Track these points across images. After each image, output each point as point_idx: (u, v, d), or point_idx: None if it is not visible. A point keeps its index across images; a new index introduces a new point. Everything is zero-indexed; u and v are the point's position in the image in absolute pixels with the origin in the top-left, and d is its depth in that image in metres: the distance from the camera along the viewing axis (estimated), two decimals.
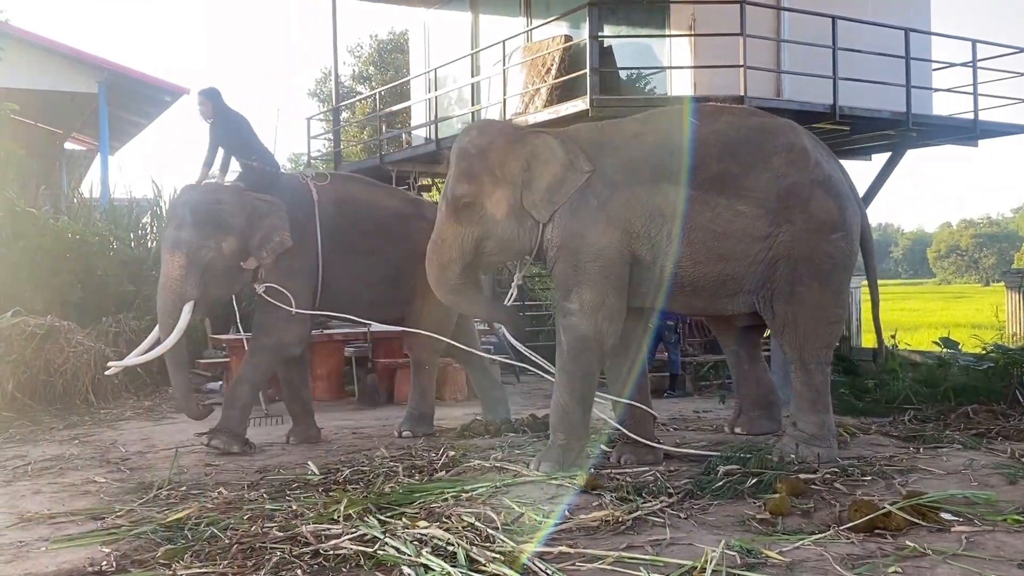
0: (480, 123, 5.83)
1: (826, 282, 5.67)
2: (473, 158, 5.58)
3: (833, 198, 5.68)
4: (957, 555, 3.71)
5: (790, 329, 5.67)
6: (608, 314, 5.43)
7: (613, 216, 5.43)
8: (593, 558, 3.74)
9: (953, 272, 74.21)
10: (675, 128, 5.72)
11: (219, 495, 5.20)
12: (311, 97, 24.90)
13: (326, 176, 7.33)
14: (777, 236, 5.52)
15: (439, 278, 5.79)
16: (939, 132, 10.59)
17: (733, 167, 5.55)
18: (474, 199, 5.56)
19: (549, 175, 5.48)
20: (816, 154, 5.78)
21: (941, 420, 7.61)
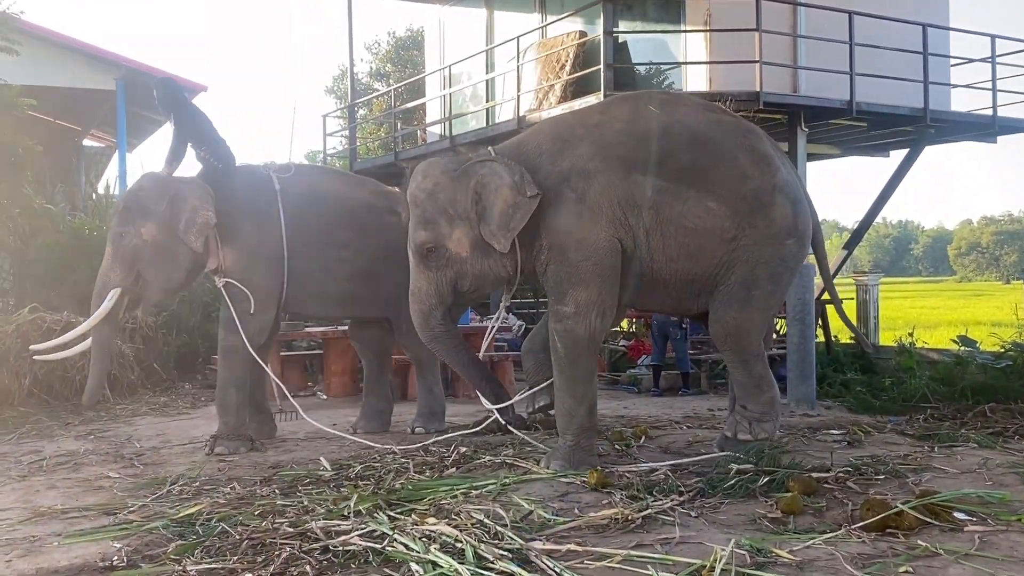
0: (423, 166, 5.67)
1: (776, 284, 5.68)
2: (424, 203, 5.49)
3: (791, 203, 5.66)
4: (970, 555, 3.67)
5: (733, 335, 5.63)
6: (600, 312, 5.39)
7: (595, 206, 5.34)
8: (601, 556, 3.72)
9: (974, 269, 73.80)
10: (637, 116, 5.61)
11: (231, 491, 5.21)
12: (328, 94, 25.02)
13: (290, 167, 7.15)
14: (740, 240, 5.47)
15: (423, 326, 5.75)
16: (957, 128, 10.52)
17: (702, 159, 5.48)
18: (436, 243, 5.49)
19: (501, 203, 5.34)
20: (776, 158, 5.76)
21: (958, 419, 7.55)
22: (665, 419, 7.71)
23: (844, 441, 6.18)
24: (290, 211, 6.74)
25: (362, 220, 6.95)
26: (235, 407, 6.69)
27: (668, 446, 6.28)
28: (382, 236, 6.89)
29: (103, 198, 13.73)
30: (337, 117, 19.19)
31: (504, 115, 11.02)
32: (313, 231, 6.79)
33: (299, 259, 6.74)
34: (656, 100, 5.82)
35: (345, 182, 7.39)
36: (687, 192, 5.40)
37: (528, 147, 5.61)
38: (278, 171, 6.99)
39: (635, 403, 8.84)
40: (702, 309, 5.74)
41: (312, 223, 6.79)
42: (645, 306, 6.20)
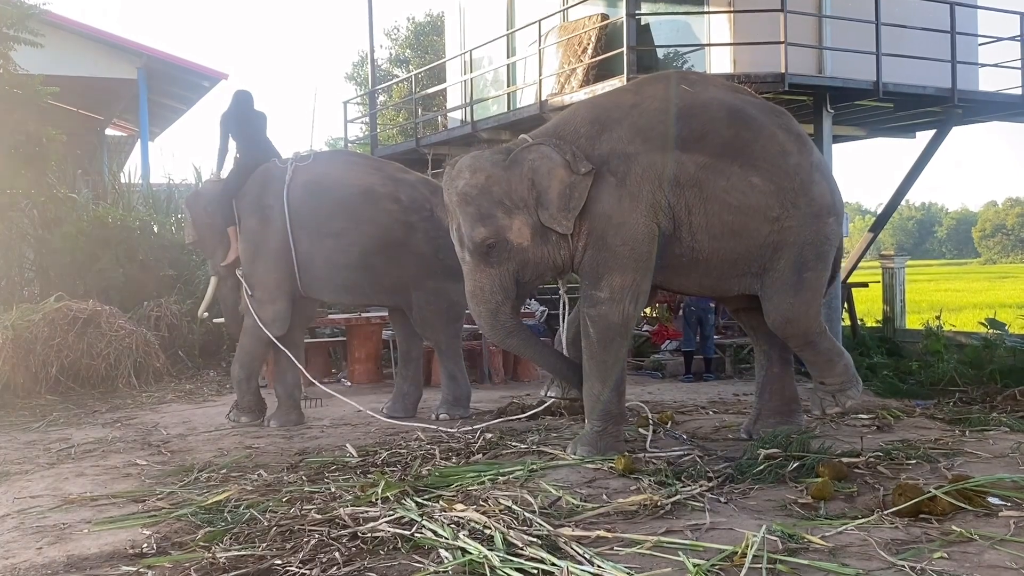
0: (467, 161, 5.49)
1: (824, 264, 5.68)
2: (477, 199, 5.34)
3: (827, 181, 5.68)
4: (1005, 540, 3.63)
5: (793, 323, 5.59)
6: (634, 297, 5.35)
7: (635, 190, 5.28)
8: (631, 542, 3.70)
9: (999, 252, 72.97)
10: (672, 94, 5.54)
11: (258, 477, 5.23)
12: (348, 80, 25.00)
13: (309, 157, 7.29)
14: (784, 220, 5.44)
15: (493, 324, 5.56)
16: (985, 108, 10.35)
17: (744, 133, 5.43)
18: (497, 237, 5.35)
19: (557, 184, 5.27)
20: (807, 137, 5.77)
21: (987, 402, 7.48)
22: (691, 404, 7.67)
23: (874, 426, 6.12)
24: (294, 203, 6.96)
25: (355, 209, 6.96)
26: (241, 381, 7.23)
27: (695, 431, 6.24)
28: (375, 225, 6.92)
29: (126, 187, 13.80)
30: (357, 104, 19.18)
31: (526, 100, 10.95)
32: (312, 221, 6.94)
33: (304, 249, 6.94)
34: (687, 79, 5.79)
35: (355, 169, 7.36)
36: (730, 167, 5.35)
37: (565, 131, 5.52)
38: (298, 161, 7.17)
39: (659, 388, 8.80)
40: (744, 291, 5.68)
41: (311, 213, 6.95)
42: (684, 287, 6.09)
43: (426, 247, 7.00)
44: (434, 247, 6.96)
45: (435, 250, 6.96)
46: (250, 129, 7.39)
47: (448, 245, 6.87)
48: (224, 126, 7.39)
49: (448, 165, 5.66)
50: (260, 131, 7.45)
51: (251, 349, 7.20)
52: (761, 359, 6.19)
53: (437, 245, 6.92)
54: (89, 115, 18.59)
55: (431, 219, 7.01)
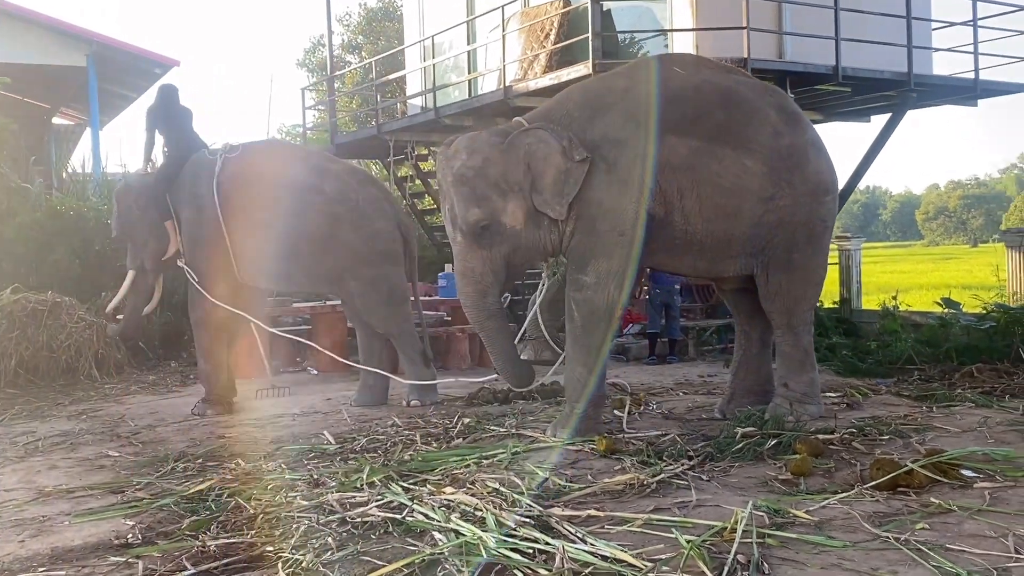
0: (464, 142, 5.49)
1: (817, 245, 5.73)
2: (473, 180, 5.36)
3: (823, 160, 5.72)
4: (982, 510, 3.73)
5: (782, 296, 5.67)
6: (619, 282, 5.38)
7: (625, 176, 5.32)
8: (622, 520, 3.74)
9: (941, 234, 74.50)
10: (665, 77, 5.57)
11: (236, 466, 5.19)
12: (300, 67, 24.68)
13: (237, 148, 7.32)
14: (778, 200, 5.49)
15: (478, 306, 5.57)
16: (940, 92, 10.58)
17: (736, 116, 5.47)
18: (491, 219, 5.36)
19: (552, 171, 5.30)
20: (802, 116, 5.82)
21: (945, 380, 7.67)
22: (659, 386, 7.76)
23: (843, 404, 6.25)
24: (223, 194, 7.04)
25: (280, 200, 7.02)
26: (208, 374, 7.29)
27: (669, 412, 6.32)
28: (299, 216, 6.97)
29: (79, 176, 13.54)
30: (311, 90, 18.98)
31: (488, 86, 10.94)
32: (241, 212, 7.02)
33: (237, 239, 7.04)
34: (680, 61, 5.82)
35: (282, 160, 7.44)
36: (723, 151, 5.39)
37: (556, 116, 5.53)
38: (228, 153, 7.24)
39: (625, 371, 8.88)
40: (739, 272, 5.73)
41: (240, 204, 7.02)
42: (678, 270, 6.16)
43: (354, 236, 7.00)
44: (363, 236, 7.01)
45: (364, 239, 7.00)
46: (177, 123, 7.46)
47: (378, 231, 7.00)
48: (150, 120, 7.44)
49: (443, 145, 5.66)
50: (187, 125, 7.53)
51: (207, 339, 7.25)
52: (741, 339, 6.29)
53: (366, 234, 7.00)
54: (36, 104, 18.18)
55: (357, 209, 7.06)
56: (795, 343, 5.77)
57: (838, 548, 3.38)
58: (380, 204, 7.24)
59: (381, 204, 7.25)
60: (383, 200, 7.35)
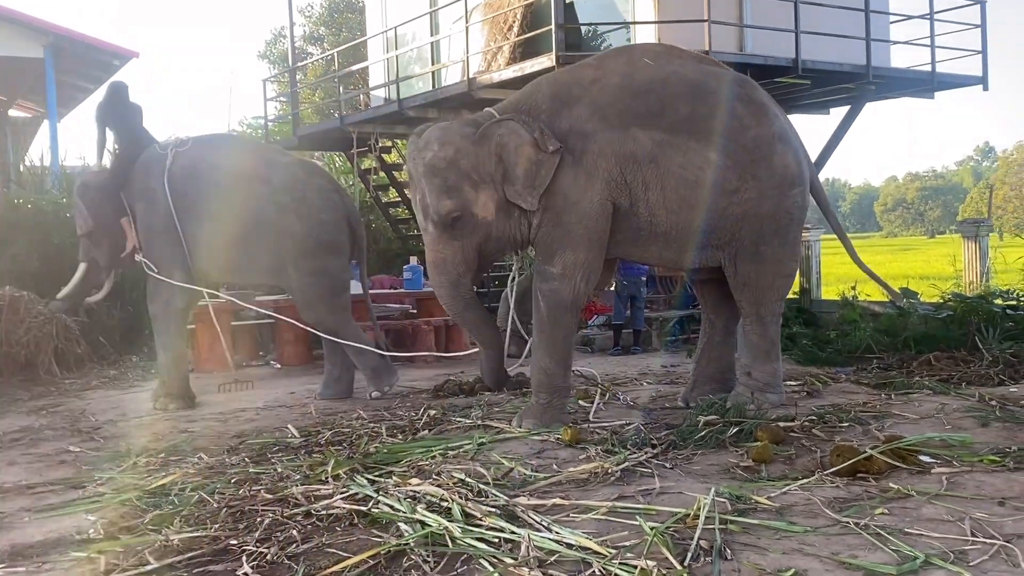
0: (435, 133, 5.48)
1: (784, 237, 5.74)
2: (446, 171, 5.35)
3: (791, 152, 5.71)
4: (940, 495, 3.80)
5: (750, 287, 5.72)
6: (586, 274, 5.43)
7: (591, 168, 5.35)
8: (587, 508, 3.77)
9: (900, 225, 75.60)
10: (633, 69, 5.60)
11: (199, 461, 5.17)
12: (261, 59, 24.45)
13: (187, 141, 7.38)
14: (743, 192, 5.52)
15: (453, 296, 5.60)
16: (897, 85, 10.72)
17: (701, 109, 5.49)
18: (463, 210, 5.37)
19: (524, 162, 5.31)
20: (772, 107, 5.81)
21: (904, 368, 7.78)
22: (623, 376, 7.81)
23: (803, 392, 6.32)
24: (174, 187, 7.10)
25: (228, 192, 7.07)
26: (168, 366, 7.25)
27: (633, 402, 6.36)
28: (246, 207, 7.01)
29: (37, 169, 13.34)
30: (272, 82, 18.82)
31: (451, 77, 10.92)
32: (191, 204, 7.07)
33: (188, 231, 7.09)
34: (650, 52, 5.82)
35: (231, 153, 7.49)
36: (687, 143, 5.41)
37: (525, 107, 5.54)
38: (178, 146, 7.29)
39: (590, 362, 8.90)
40: (706, 263, 5.77)
41: (190, 197, 7.07)
42: (645, 259, 6.21)
43: (298, 226, 7.01)
44: (307, 226, 7.01)
45: (308, 229, 7.00)
46: (127, 120, 7.52)
47: (323, 222, 7.01)
48: (101, 118, 7.49)
49: (414, 135, 5.65)
50: (137, 122, 7.58)
51: (166, 330, 7.26)
52: (706, 327, 6.35)
53: (310, 224, 7.00)
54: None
55: (303, 199, 7.07)
56: (762, 333, 5.82)
57: (799, 533, 3.43)
58: (328, 195, 7.24)
59: (329, 195, 7.25)
60: (331, 191, 7.35)
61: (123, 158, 7.38)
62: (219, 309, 8.77)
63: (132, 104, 7.60)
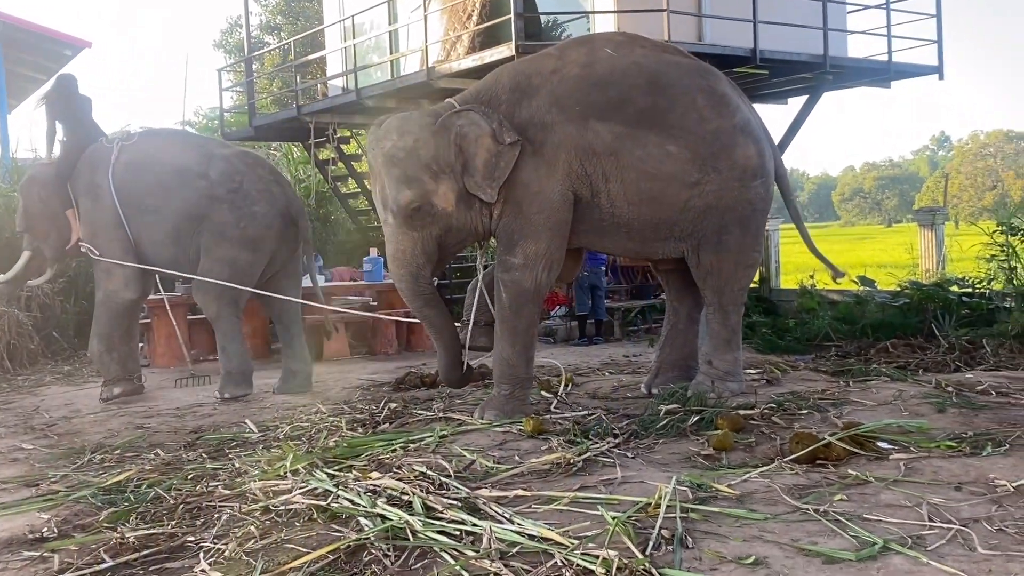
0: (395, 123, 5.41)
1: (746, 228, 5.75)
2: (405, 162, 5.28)
3: (753, 143, 5.72)
4: (898, 481, 3.83)
5: (713, 276, 5.74)
6: (548, 265, 5.41)
7: (551, 159, 5.33)
8: (549, 499, 3.75)
9: (857, 214, 76.53)
10: (594, 60, 5.57)
11: (155, 457, 5.10)
12: (217, 48, 24.12)
13: (133, 136, 7.40)
14: (705, 184, 5.53)
15: (412, 289, 5.51)
16: (854, 74, 10.81)
17: (660, 101, 5.48)
18: (422, 201, 5.29)
19: (483, 153, 5.26)
20: (734, 98, 5.80)
21: (862, 355, 7.88)
22: (585, 367, 7.81)
23: (763, 380, 6.35)
24: (118, 182, 7.09)
25: (167, 186, 7.06)
26: (102, 353, 7.26)
27: (595, 392, 6.36)
28: (183, 201, 7.01)
29: None
30: (228, 72, 18.59)
31: (410, 67, 10.83)
32: (134, 199, 7.07)
33: (133, 226, 7.08)
34: (612, 42, 5.78)
35: (173, 147, 7.40)
36: (646, 136, 5.41)
37: (486, 97, 5.50)
38: (124, 140, 7.32)
39: (552, 353, 8.89)
40: (669, 254, 5.78)
41: (134, 191, 7.08)
42: (609, 250, 6.21)
43: (228, 217, 6.96)
44: (237, 216, 6.96)
45: (237, 219, 6.95)
46: (76, 112, 7.46)
47: (255, 215, 6.96)
48: (49, 111, 7.43)
49: (374, 125, 5.58)
50: (86, 114, 7.54)
51: (106, 320, 7.24)
52: (670, 315, 6.37)
53: (241, 215, 6.96)
54: None
55: (239, 191, 7.03)
56: (724, 322, 5.85)
57: (759, 520, 3.43)
58: (266, 187, 7.15)
59: (268, 187, 7.16)
60: (272, 183, 7.25)
61: (70, 150, 7.30)
62: (174, 303, 8.67)
63: (81, 96, 7.54)
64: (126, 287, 7.14)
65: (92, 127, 7.51)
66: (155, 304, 8.90)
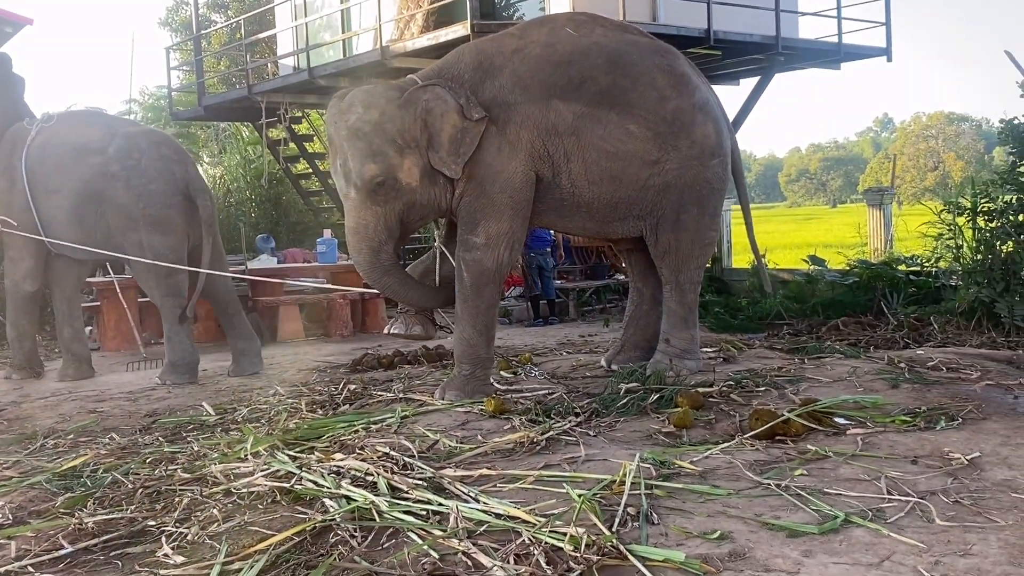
0: (360, 95, 5.34)
1: (704, 207, 5.80)
2: (370, 135, 5.21)
3: (712, 122, 5.78)
4: (856, 456, 3.90)
5: (671, 255, 5.79)
6: (509, 244, 5.41)
7: (514, 138, 5.34)
8: (514, 478, 3.76)
9: (803, 195, 77.49)
10: (555, 40, 5.57)
11: (111, 441, 5.01)
12: (163, 26, 23.58)
13: (52, 117, 7.32)
14: (664, 163, 5.57)
15: (372, 263, 5.44)
16: (805, 56, 10.91)
17: (621, 81, 5.50)
18: (386, 175, 5.24)
19: (449, 128, 5.24)
20: (694, 77, 5.85)
21: (813, 333, 7.99)
22: (542, 347, 7.83)
23: (719, 358, 6.42)
24: (30, 163, 7.07)
25: (67, 166, 7.00)
26: (10, 340, 7.52)
27: (555, 371, 6.38)
28: (80, 179, 6.94)
29: None
30: (175, 50, 18.22)
31: (363, 46, 10.72)
32: (41, 180, 7.06)
33: (41, 207, 7.06)
34: (573, 22, 5.77)
35: (81, 127, 7.26)
36: (607, 115, 5.43)
37: (448, 75, 5.47)
38: (44, 122, 7.27)
39: (508, 334, 8.93)
40: (629, 233, 5.81)
41: (41, 173, 7.06)
42: (569, 230, 6.24)
43: (126, 196, 6.84)
44: (135, 195, 6.83)
45: (136, 199, 6.83)
46: (9, 93, 7.44)
47: (153, 193, 6.82)
48: None
49: (335, 98, 5.51)
50: (18, 94, 7.52)
51: (12, 308, 7.42)
52: (634, 296, 6.42)
53: (138, 194, 6.82)
54: None
55: (136, 168, 6.89)
56: (681, 300, 5.90)
57: (722, 496, 3.48)
58: (166, 166, 6.97)
59: (167, 166, 6.98)
60: (173, 163, 7.05)
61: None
62: (124, 285, 8.53)
63: (15, 76, 7.50)
64: (25, 279, 7.26)
65: (22, 108, 7.46)
66: (105, 287, 8.75)
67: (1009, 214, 7.77)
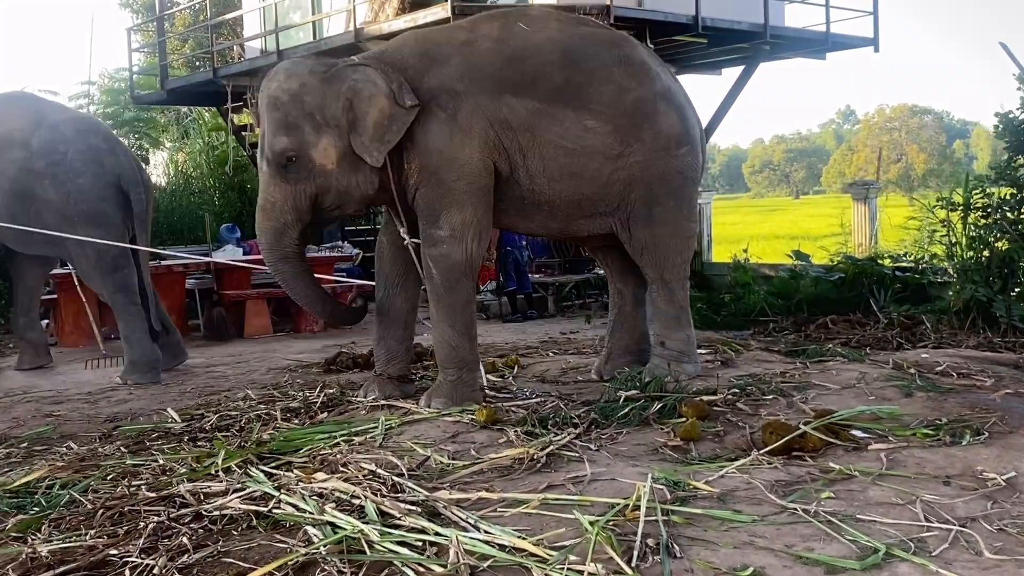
0: (286, 64, 5.15)
1: (679, 198, 5.52)
2: (287, 106, 4.89)
3: (675, 110, 5.50)
4: (883, 475, 3.61)
5: (649, 251, 5.50)
6: (476, 234, 5.08)
7: (466, 126, 5.01)
8: (515, 502, 3.42)
9: (766, 186, 78.03)
10: (507, 35, 5.28)
11: (68, 451, 4.64)
12: (123, 7, 22.90)
13: None
14: (629, 156, 5.29)
15: (272, 244, 5.09)
16: (792, 45, 10.70)
17: (576, 76, 5.22)
18: (298, 151, 4.90)
19: (376, 112, 4.90)
20: (653, 65, 5.57)
21: (801, 331, 7.77)
22: (524, 345, 7.52)
23: (718, 361, 6.12)
24: None
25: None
26: None
27: (543, 374, 6.05)
28: (4, 176, 6.61)
29: None
30: (137, 31, 17.64)
31: (335, 28, 10.31)
32: None
33: None
34: (526, 17, 5.48)
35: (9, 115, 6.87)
36: (563, 112, 5.14)
37: (390, 60, 5.15)
38: None
39: (486, 330, 8.59)
40: (597, 231, 5.52)
41: None
42: (532, 231, 5.96)
43: (55, 194, 6.52)
44: (64, 193, 6.51)
45: (66, 196, 6.51)
46: None
47: (81, 188, 6.49)
48: None
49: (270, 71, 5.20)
50: None
51: None
52: (615, 298, 6.06)
53: (67, 190, 6.51)
54: None
55: (62, 163, 6.55)
56: (670, 298, 5.61)
57: (747, 524, 3.17)
58: (95, 157, 6.64)
59: (97, 157, 6.65)
60: (103, 153, 6.72)
61: None
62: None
63: None
64: None
65: None
66: (62, 279, 8.30)
67: (1004, 210, 7.58)
